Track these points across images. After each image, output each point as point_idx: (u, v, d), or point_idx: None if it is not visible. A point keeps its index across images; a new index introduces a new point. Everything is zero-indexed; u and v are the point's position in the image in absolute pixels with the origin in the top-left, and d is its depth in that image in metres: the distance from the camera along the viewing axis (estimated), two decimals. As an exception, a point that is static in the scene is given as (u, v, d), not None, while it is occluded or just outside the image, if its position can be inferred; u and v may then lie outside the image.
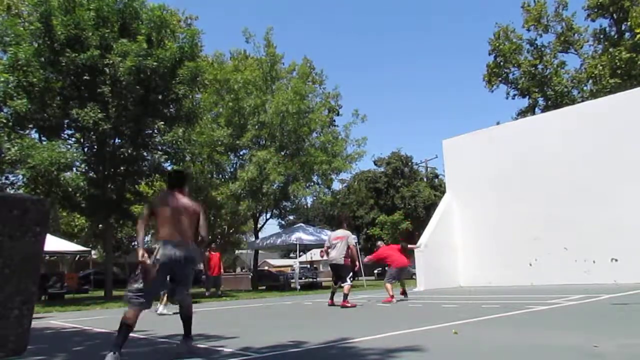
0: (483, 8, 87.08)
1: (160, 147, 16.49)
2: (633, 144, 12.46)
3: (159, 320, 8.00)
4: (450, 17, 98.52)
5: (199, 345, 4.84)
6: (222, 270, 17.48)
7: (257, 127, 21.00)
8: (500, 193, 14.87)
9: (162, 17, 15.29)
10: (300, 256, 31.21)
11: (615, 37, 27.09)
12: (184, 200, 4.34)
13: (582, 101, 23.03)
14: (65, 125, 15.66)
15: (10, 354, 4.20)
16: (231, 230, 28.81)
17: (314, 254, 37.47)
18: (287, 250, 43.29)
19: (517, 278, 13.65)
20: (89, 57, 13.81)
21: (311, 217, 41.39)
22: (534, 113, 27.53)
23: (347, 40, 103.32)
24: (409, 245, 12.88)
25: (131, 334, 6.04)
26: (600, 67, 25.03)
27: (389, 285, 10.30)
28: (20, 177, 14.43)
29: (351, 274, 9.86)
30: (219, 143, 20.53)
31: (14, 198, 4.92)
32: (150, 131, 16.26)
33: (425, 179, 42.74)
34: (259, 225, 25.69)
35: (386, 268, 11.44)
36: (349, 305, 9.22)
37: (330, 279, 19.35)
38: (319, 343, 4.58)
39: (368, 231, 37.69)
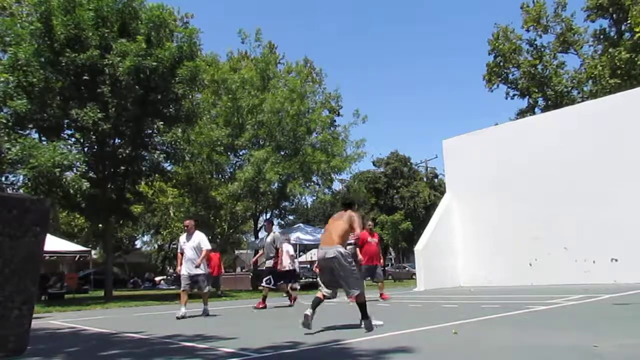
0: (483, 8, 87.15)
1: (159, 147, 16.50)
2: (633, 144, 12.46)
3: (158, 321, 8.00)
4: (450, 17, 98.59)
5: (197, 345, 4.84)
6: (222, 270, 17.49)
7: (255, 126, 21.00)
8: (500, 193, 14.86)
9: (161, 16, 15.29)
10: (300, 256, 31.20)
11: (615, 37, 27.09)
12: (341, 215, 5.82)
13: (582, 101, 23.03)
14: (65, 126, 15.66)
15: (10, 354, 4.20)
16: (231, 231, 28.81)
17: (314, 254, 37.47)
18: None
19: (517, 278, 13.65)
20: (89, 57, 13.81)
21: (311, 217, 41.39)
22: (534, 113, 27.54)
23: (347, 41, 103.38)
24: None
25: (131, 334, 6.05)
26: (600, 68, 25.02)
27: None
28: (21, 177, 14.42)
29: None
30: (218, 143, 20.53)
31: (14, 198, 4.93)
32: (150, 131, 16.27)
33: (425, 179, 42.77)
34: (258, 225, 25.69)
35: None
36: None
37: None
38: (318, 343, 4.58)
39: (368, 231, 37.71)
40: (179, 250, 8.75)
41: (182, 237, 8.69)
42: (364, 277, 10.47)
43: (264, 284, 10.38)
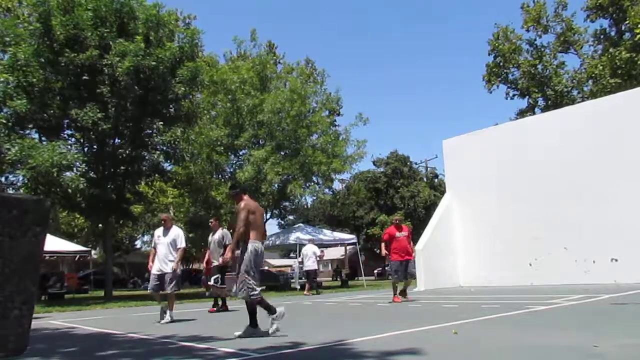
0: (483, 8, 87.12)
1: (159, 147, 16.51)
2: (633, 144, 12.45)
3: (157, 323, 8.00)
4: (450, 17, 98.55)
5: (197, 345, 4.84)
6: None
7: (254, 126, 21.00)
8: (500, 193, 14.86)
9: (159, 16, 15.29)
10: (300, 256, 31.17)
11: (615, 37, 27.09)
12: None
13: (582, 101, 23.03)
14: (65, 126, 15.67)
15: (10, 354, 4.19)
16: (231, 231, 28.76)
17: (314, 254, 37.41)
18: (287, 250, 43.25)
19: (517, 278, 13.64)
20: (88, 57, 13.82)
21: (311, 217, 41.40)
22: (534, 113, 27.52)
23: (348, 40, 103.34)
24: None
25: (130, 334, 6.05)
26: (600, 67, 25.02)
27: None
28: (21, 177, 14.43)
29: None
30: (218, 143, 20.54)
31: (14, 198, 4.92)
32: (150, 131, 16.27)
33: (425, 179, 42.76)
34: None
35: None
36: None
37: (331, 278, 19.30)
38: (318, 343, 4.57)
39: (368, 231, 37.73)
40: (152, 246, 8.02)
41: (158, 232, 7.95)
42: (403, 275, 9.84)
43: (212, 282, 9.53)
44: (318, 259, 16.37)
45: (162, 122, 15.51)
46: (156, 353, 4.56)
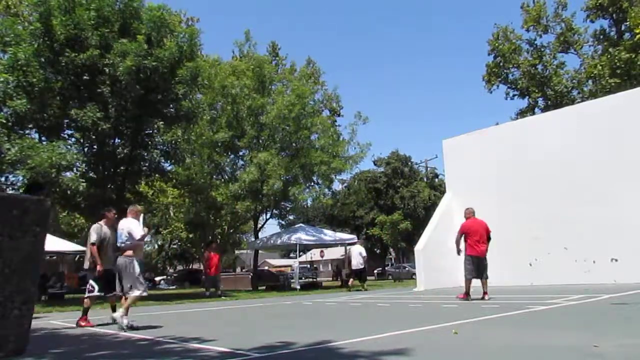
0: (483, 8, 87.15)
1: (159, 147, 16.50)
2: (633, 144, 12.45)
3: (155, 321, 8.00)
4: (450, 17, 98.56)
5: (191, 345, 4.82)
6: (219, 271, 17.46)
7: (256, 127, 20.97)
8: (500, 193, 14.85)
9: (163, 17, 15.29)
10: (300, 256, 31.21)
11: (615, 37, 27.11)
12: None
13: (582, 101, 23.04)
14: (65, 126, 15.66)
15: (11, 354, 4.20)
16: (231, 231, 28.81)
17: (314, 254, 37.51)
18: (287, 250, 43.31)
19: (517, 278, 13.64)
20: (89, 57, 13.81)
21: (311, 217, 41.40)
22: (534, 113, 27.56)
23: (347, 41, 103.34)
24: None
25: (127, 334, 6.05)
26: (600, 67, 25.04)
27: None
28: (20, 177, 14.43)
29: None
30: (219, 144, 20.52)
31: (14, 198, 4.92)
32: (150, 131, 16.26)
33: (425, 179, 42.74)
34: (259, 226, 25.70)
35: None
36: None
37: (332, 278, 19.37)
38: (315, 343, 4.56)
39: (368, 231, 37.71)
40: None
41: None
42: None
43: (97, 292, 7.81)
44: (365, 259, 17.24)
45: (162, 122, 15.50)
46: (148, 354, 4.54)
